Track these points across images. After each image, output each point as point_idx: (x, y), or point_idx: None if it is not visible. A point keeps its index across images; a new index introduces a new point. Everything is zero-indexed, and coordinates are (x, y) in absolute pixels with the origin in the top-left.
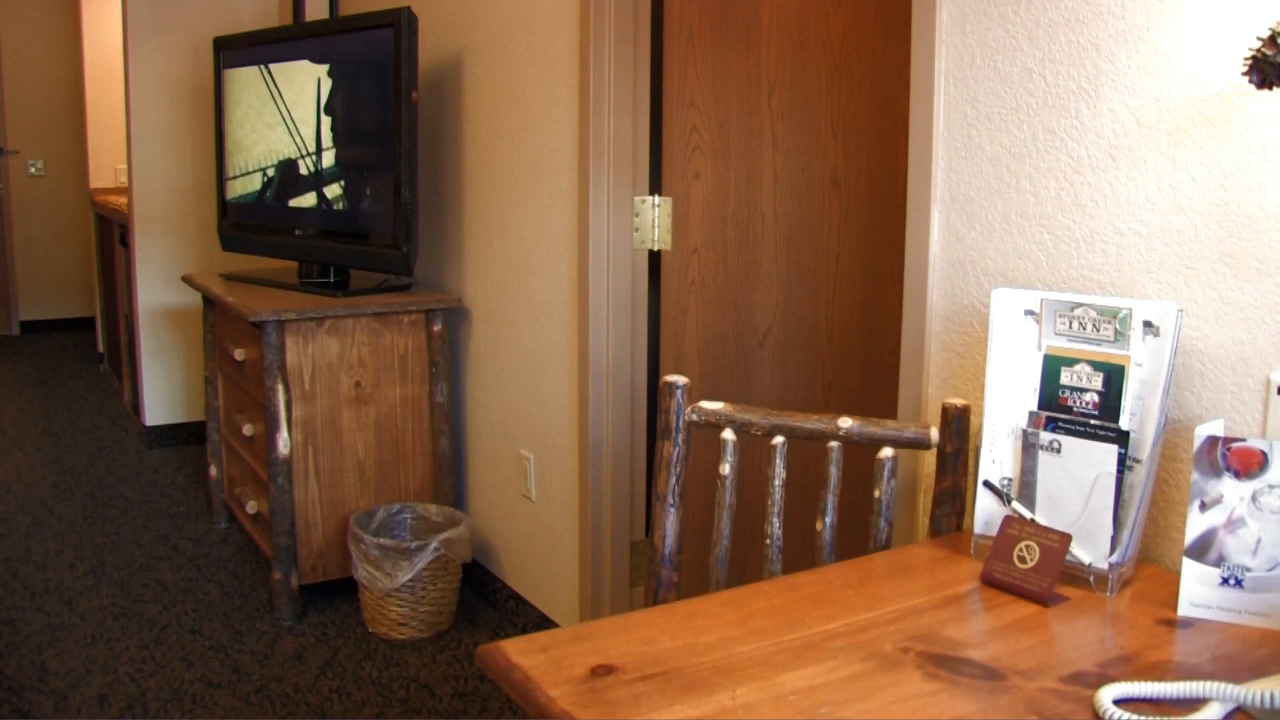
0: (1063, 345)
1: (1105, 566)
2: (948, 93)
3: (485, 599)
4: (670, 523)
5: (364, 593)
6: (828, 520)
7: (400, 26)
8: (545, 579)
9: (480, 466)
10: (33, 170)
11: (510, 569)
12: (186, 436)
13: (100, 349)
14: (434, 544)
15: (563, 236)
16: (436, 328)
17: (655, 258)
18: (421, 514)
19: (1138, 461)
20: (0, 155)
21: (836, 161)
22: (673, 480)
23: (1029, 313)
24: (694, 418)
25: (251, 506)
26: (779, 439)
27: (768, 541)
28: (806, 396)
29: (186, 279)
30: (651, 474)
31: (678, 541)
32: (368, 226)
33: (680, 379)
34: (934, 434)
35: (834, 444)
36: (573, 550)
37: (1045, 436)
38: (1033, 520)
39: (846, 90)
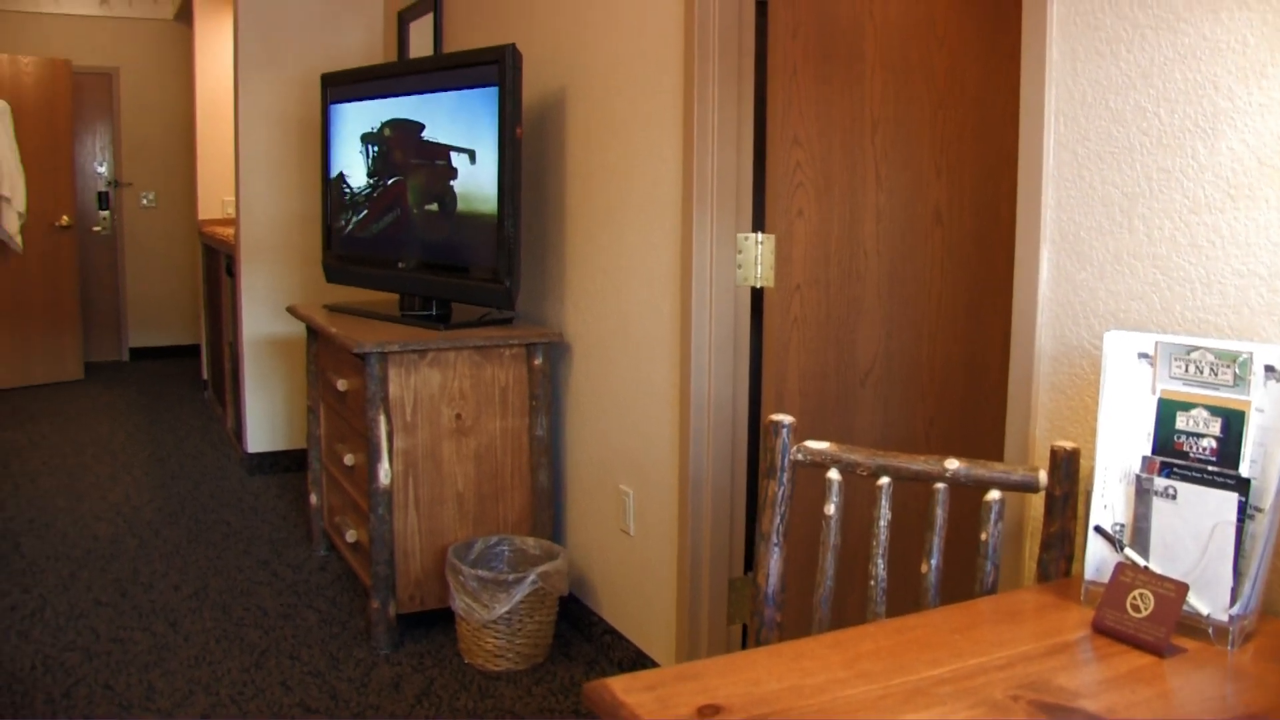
0: (1178, 389)
1: (1225, 619)
2: (1058, 131)
3: (581, 633)
4: (774, 562)
5: (461, 623)
6: (933, 562)
7: (505, 63)
8: (642, 614)
9: (578, 500)
10: (145, 202)
11: (607, 603)
12: (287, 464)
13: (204, 376)
14: (531, 577)
15: (665, 272)
16: (537, 361)
17: (757, 294)
18: (519, 546)
19: (1259, 510)
20: (115, 187)
21: (939, 198)
22: (777, 519)
23: (1143, 355)
24: (799, 457)
25: (351, 535)
26: (885, 479)
27: (872, 583)
28: (907, 435)
29: (291, 310)
30: (752, 511)
31: (781, 581)
32: (471, 261)
33: (786, 418)
34: (1042, 477)
35: (940, 485)
36: (670, 586)
37: (1160, 482)
38: (1147, 568)
39: (950, 126)
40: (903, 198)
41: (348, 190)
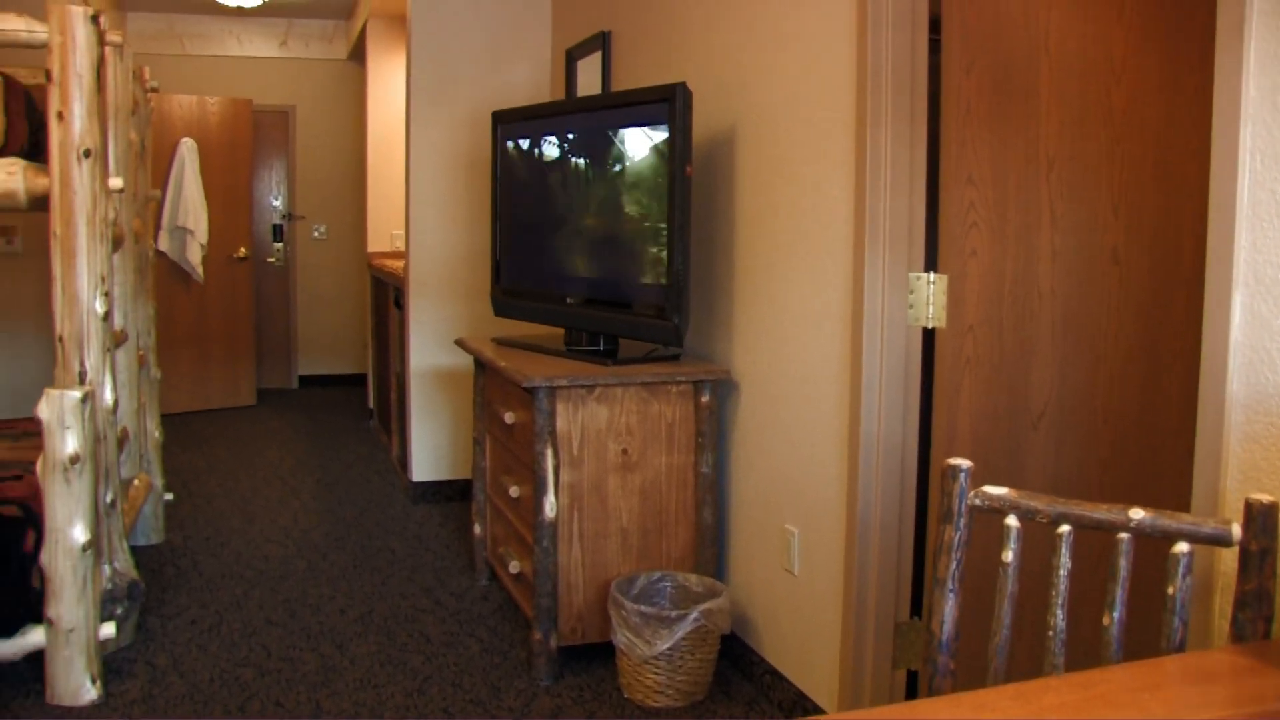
0: None
1: None
2: (1253, 171)
3: (742, 671)
4: (949, 608)
5: (622, 658)
6: (1115, 615)
7: (675, 101)
8: (804, 655)
9: (742, 538)
10: (316, 234)
11: (769, 643)
12: (450, 493)
13: (370, 405)
14: (694, 614)
15: (835, 312)
16: (705, 399)
17: (928, 335)
18: (681, 583)
19: None
20: (289, 220)
21: (1117, 238)
22: (953, 565)
23: None
24: (977, 502)
25: (514, 566)
26: (1065, 528)
27: (1050, 634)
28: (1080, 480)
29: (460, 343)
30: (921, 554)
31: (956, 628)
32: (639, 297)
33: (964, 463)
34: (1236, 530)
35: (1124, 535)
36: (834, 628)
37: None
38: None
39: (1128, 164)
40: (1078, 237)
41: (516, 226)
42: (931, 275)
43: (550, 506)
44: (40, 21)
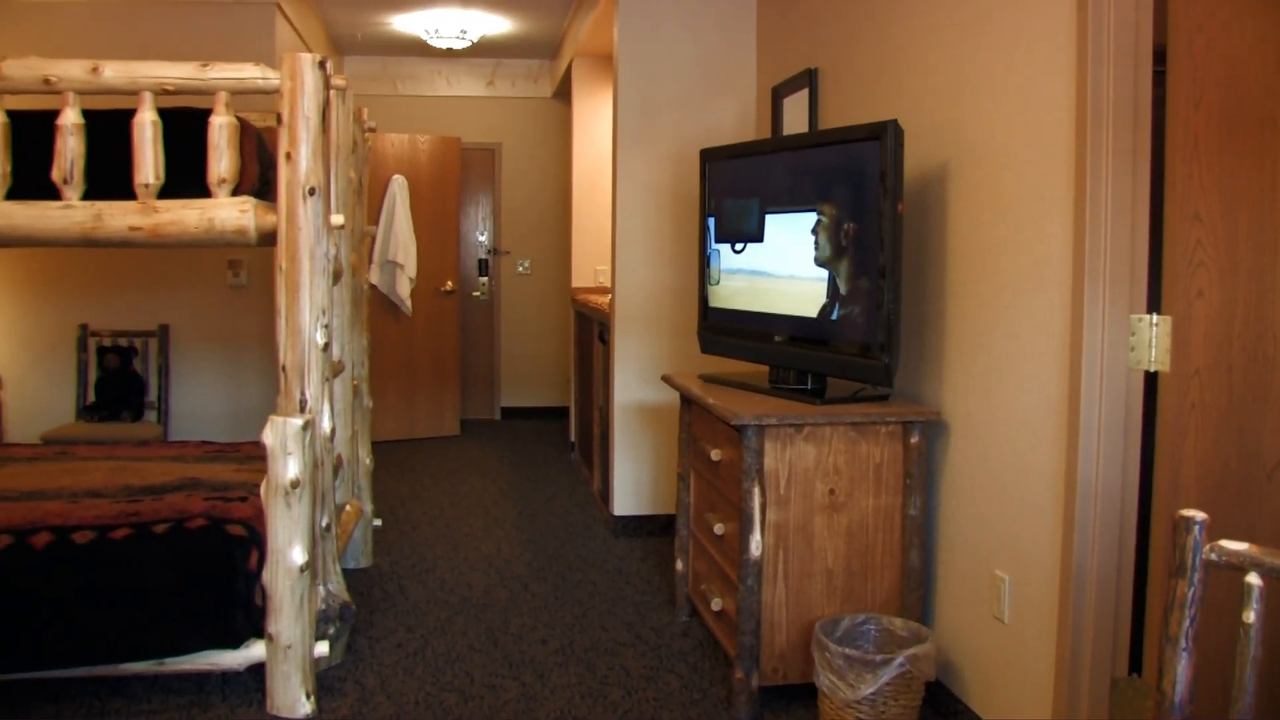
0: None
1: None
2: None
3: None
4: (1182, 668)
5: (824, 701)
6: None
7: (886, 139)
8: (1014, 707)
9: (949, 583)
10: (520, 269)
11: (975, 692)
12: (651, 529)
13: (572, 438)
14: (900, 659)
15: (1051, 354)
16: (914, 440)
17: (1150, 379)
18: (886, 626)
19: None
20: (494, 255)
21: None
22: (1186, 622)
23: None
24: (1213, 557)
25: (716, 603)
26: None
27: None
28: None
29: (667, 379)
30: (1139, 607)
31: (1189, 690)
32: (848, 336)
33: (1198, 515)
34: None
35: None
36: (1046, 681)
37: None
38: None
39: None
40: None
41: (724, 263)
42: (1154, 317)
43: (756, 545)
44: (273, 69)
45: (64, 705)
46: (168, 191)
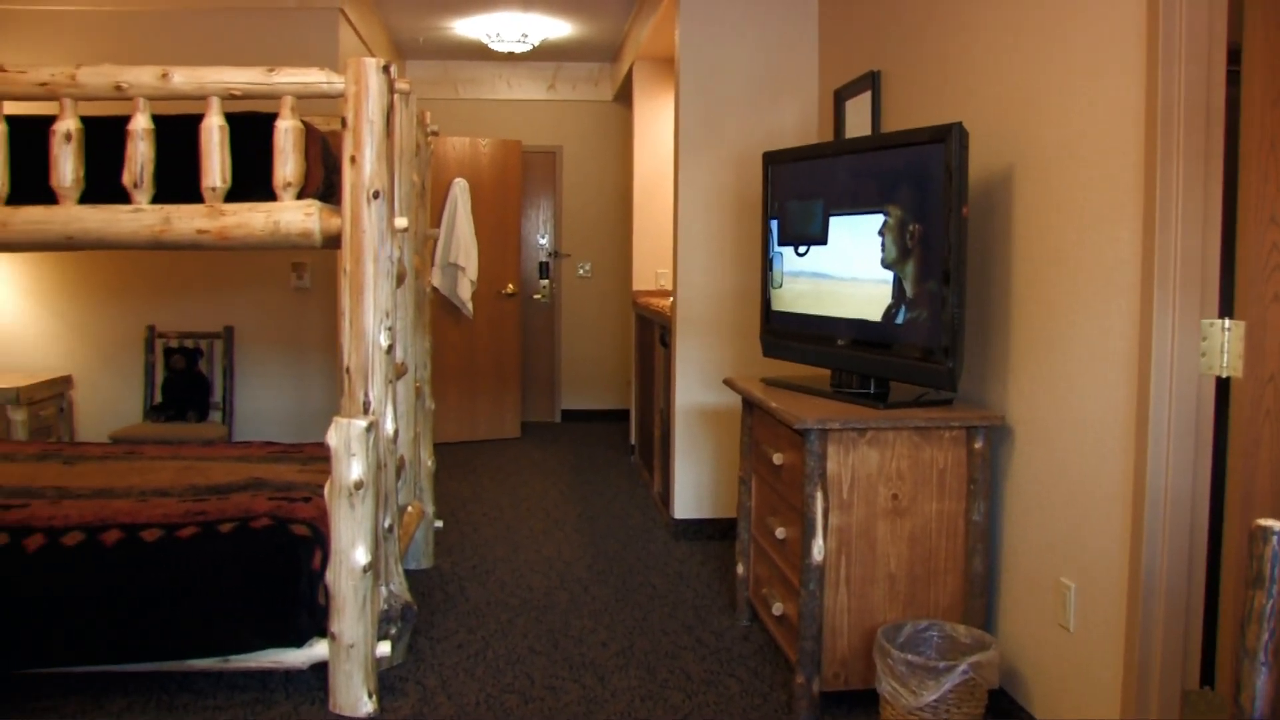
0: None
1: None
2: None
3: None
4: (1262, 682)
5: (885, 707)
6: None
7: (950, 142)
8: (1079, 717)
9: (1013, 590)
10: (581, 272)
11: (1039, 701)
12: (711, 532)
13: (632, 440)
14: (963, 666)
15: (1119, 359)
16: (978, 445)
17: (1222, 385)
18: (949, 633)
19: None
20: (555, 258)
21: None
22: (1265, 635)
23: None
24: None
25: (777, 608)
26: None
27: None
28: None
29: (729, 382)
30: (1211, 617)
31: (1269, 705)
32: (911, 340)
33: (1276, 524)
34: None
35: None
36: (1114, 692)
37: None
38: None
39: None
40: None
41: (786, 265)
42: (1227, 322)
43: (818, 549)
44: (338, 73)
45: (134, 699)
46: (234, 195)
